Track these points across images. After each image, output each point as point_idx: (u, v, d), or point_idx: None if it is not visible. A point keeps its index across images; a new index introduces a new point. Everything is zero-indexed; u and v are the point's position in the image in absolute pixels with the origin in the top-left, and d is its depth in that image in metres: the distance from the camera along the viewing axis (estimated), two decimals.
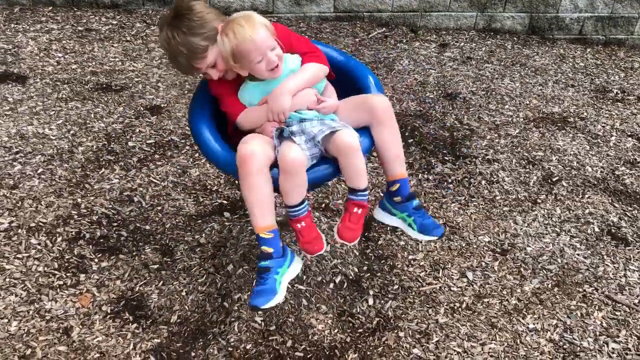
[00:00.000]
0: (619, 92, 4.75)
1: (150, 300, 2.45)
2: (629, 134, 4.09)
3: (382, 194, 3.02)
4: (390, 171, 2.22)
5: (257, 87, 2.15)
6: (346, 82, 2.34)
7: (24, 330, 2.25)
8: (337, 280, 2.62)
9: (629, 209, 3.28)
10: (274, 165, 2.02)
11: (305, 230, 2.11)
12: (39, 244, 2.63)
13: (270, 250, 2.05)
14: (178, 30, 2.02)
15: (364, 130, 2.13)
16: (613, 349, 2.41)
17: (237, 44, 1.99)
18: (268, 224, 2.04)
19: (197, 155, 3.31)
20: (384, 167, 2.24)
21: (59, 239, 2.67)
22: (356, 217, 2.14)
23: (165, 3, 5.00)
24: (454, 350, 2.36)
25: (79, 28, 4.58)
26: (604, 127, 4.14)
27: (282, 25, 2.19)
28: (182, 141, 3.44)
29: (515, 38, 5.53)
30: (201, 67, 2.09)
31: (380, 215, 2.37)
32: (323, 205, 3.08)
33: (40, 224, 2.74)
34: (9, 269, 2.49)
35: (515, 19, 5.56)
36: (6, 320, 2.27)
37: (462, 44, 5.25)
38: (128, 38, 4.54)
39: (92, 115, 3.57)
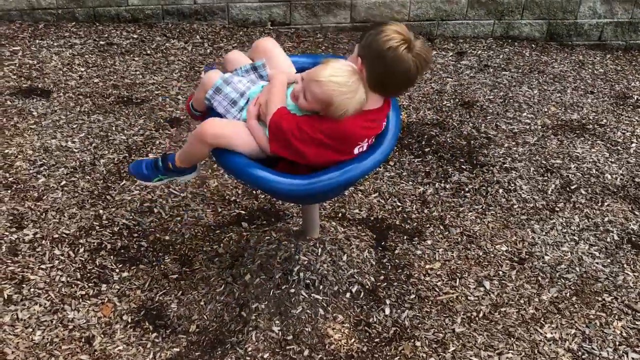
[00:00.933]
0: (639, 98, 4.70)
1: (170, 310, 2.49)
2: None
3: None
4: None
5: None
6: None
7: (47, 339, 2.31)
8: (354, 289, 2.63)
9: None
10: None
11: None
12: (62, 255, 2.70)
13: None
14: None
15: None
16: (633, 358, 2.39)
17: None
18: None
19: (215, 166, 3.37)
20: None
21: (82, 250, 2.74)
22: None
23: (184, 17, 5.09)
24: None
25: (101, 42, 4.69)
26: (624, 133, 4.10)
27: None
28: None
29: (533, 45, 5.51)
30: None
31: None
32: (340, 214, 3.10)
33: (64, 235, 2.81)
34: (33, 279, 2.55)
35: (533, 26, 5.54)
36: (30, 330, 2.33)
37: (480, 51, 5.24)
38: (148, 51, 4.63)
39: (114, 128, 3.65)
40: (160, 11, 5.05)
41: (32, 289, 2.51)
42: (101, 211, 2.98)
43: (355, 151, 2.07)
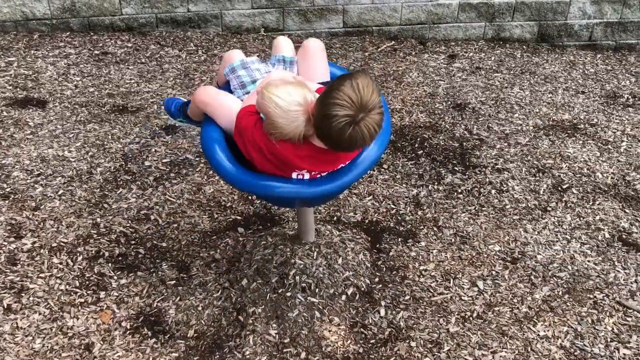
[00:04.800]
0: (629, 97, 4.76)
1: (168, 316, 2.53)
2: None
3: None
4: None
5: None
6: None
7: (47, 347, 2.34)
8: (349, 292, 2.67)
9: None
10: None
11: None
12: (61, 263, 2.73)
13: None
14: None
15: None
16: (624, 354, 2.43)
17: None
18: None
19: (211, 172, 3.40)
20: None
21: (80, 258, 2.77)
22: None
23: (178, 25, 5.13)
24: (465, 359, 2.39)
25: (96, 52, 4.73)
26: (614, 132, 4.15)
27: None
28: (197, 159, 3.54)
29: (524, 46, 5.56)
30: None
31: None
32: (335, 218, 3.14)
33: (62, 243, 2.84)
34: (32, 288, 2.59)
35: (524, 28, 5.59)
36: (30, 338, 2.37)
37: (471, 54, 5.30)
38: (143, 60, 4.67)
39: (110, 137, 3.68)
40: (154, 20, 5.09)
41: (31, 298, 2.54)
42: (98, 219, 3.02)
43: (293, 176, 2.11)
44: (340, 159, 2.13)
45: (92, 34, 4.99)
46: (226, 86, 2.48)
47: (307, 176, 2.13)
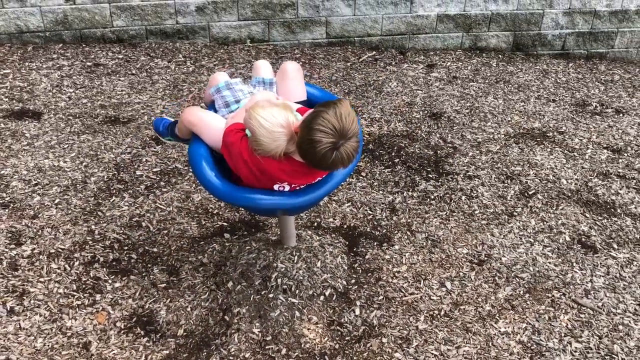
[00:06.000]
0: (597, 105, 5.02)
1: (159, 316, 2.74)
2: (605, 146, 4.36)
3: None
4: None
5: None
6: None
7: (48, 346, 2.54)
8: (327, 293, 2.89)
9: (599, 218, 3.54)
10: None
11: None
12: (59, 268, 2.93)
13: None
14: None
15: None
16: (576, 348, 2.68)
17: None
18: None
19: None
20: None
21: (76, 263, 2.97)
22: None
23: (167, 36, 5.33)
24: (432, 354, 2.62)
25: (88, 63, 4.92)
26: (581, 140, 4.41)
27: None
28: (185, 168, 3.75)
29: (500, 55, 5.82)
30: None
31: None
32: (315, 224, 3.36)
33: (59, 250, 3.04)
34: (33, 292, 2.79)
35: (499, 37, 5.85)
36: (32, 338, 2.57)
37: (449, 63, 5.54)
38: (133, 71, 4.87)
39: (103, 147, 3.89)
40: (144, 31, 5.29)
41: (32, 301, 2.74)
42: (93, 226, 3.22)
43: (275, 187, 2.35)
44: (319, 172, 2.36)
45: (84, 45, 5.18)
46: (212, 105, 2.71)
47: (287, 188, 2.36)
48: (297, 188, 2.38)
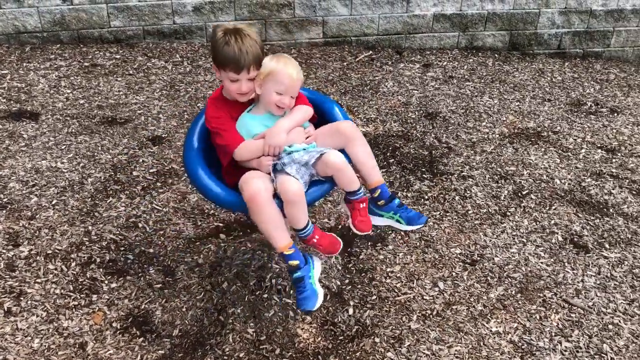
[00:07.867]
0: (592, 104, 5.05)
1: (155, 317, 2.77)
2: (599, 145, 4.39)
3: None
4: (370, 180, 2.65)
5: (255, 119, 2.51)
6: (318, 115, 2.70)
7: (45, 346, 2.58)
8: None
9: (592, 218, 3.57)
10: (274, 194, 2.39)
11: (321, 241, 2.53)
12: (56, 269, 2.97)
13: (297, 262, 2.46)
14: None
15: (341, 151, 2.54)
16: (566, 347, 2.71)
17: (279, 70, 2.43)
18: (287, 242, 2.44)
19: None
20: (363, 178, 2.65)
21: (73, 264, 3.01)
22: (364, 210, 2.61)
23: (164, 36, 5.35)
24: (424, 353, 2.66)
25: (85, 64, 4.95)
26: (575, 140, 4.44)
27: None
28: (182, 169, 3.78)
29: (496, 55, 5.84)
30: (251, 75, 2.44)
31: (372, 220, 2.72)
32: None
33: (56, 250, 3.08)
34: (30, 292, 2.82)
35: (496, 37, 5.87)
36: (29, 338, 2.61)
37: (445, 63, 5.56)
38: (130, 72, 4.90)
39: (100, 148, 3.92)
40: (141, 32, 5.32)
41: (29, 302, 2.78)
42: (90, 227, 3.25)
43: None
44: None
45: (81, 46, 5.21)
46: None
47: None
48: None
